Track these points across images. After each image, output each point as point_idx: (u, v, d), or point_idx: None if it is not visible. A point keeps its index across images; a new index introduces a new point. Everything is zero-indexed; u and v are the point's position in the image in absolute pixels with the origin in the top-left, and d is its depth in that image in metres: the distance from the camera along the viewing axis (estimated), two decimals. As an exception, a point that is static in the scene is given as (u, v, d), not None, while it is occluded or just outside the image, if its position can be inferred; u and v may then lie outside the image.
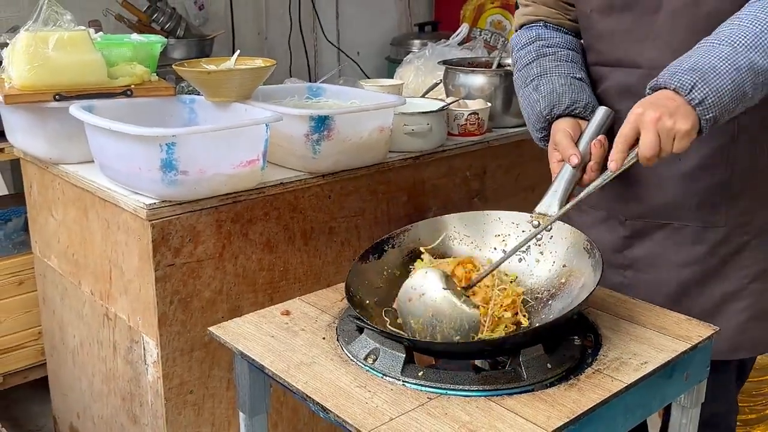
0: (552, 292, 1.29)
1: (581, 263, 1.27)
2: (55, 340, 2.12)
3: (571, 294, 1.25)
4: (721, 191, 1.39)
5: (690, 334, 1.25)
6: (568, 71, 1.44)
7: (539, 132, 1.45)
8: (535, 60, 1.48)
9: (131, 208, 1.55)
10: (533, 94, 1.44)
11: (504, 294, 1.24)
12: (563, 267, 1.31)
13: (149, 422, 1.71)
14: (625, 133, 1.19)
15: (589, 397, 1.07)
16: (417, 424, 1.00)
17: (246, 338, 1.24)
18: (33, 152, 1.86)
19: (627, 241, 1.49)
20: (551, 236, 1.33)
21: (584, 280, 1.24)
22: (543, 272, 1.33)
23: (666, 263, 1.45)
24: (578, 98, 1.41)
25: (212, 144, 1.51)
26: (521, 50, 1.53)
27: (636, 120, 1.18)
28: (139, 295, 1.62)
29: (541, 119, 1.42)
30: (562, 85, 1.42)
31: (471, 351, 1.14)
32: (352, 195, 1.87)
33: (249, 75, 1.75)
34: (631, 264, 1.49)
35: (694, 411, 1.32)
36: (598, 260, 1.23)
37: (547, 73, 1.44)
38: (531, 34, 1.52)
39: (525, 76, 1.48)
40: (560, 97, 1.40)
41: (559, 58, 1.47)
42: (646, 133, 1.16)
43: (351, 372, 1.13)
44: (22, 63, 1.70)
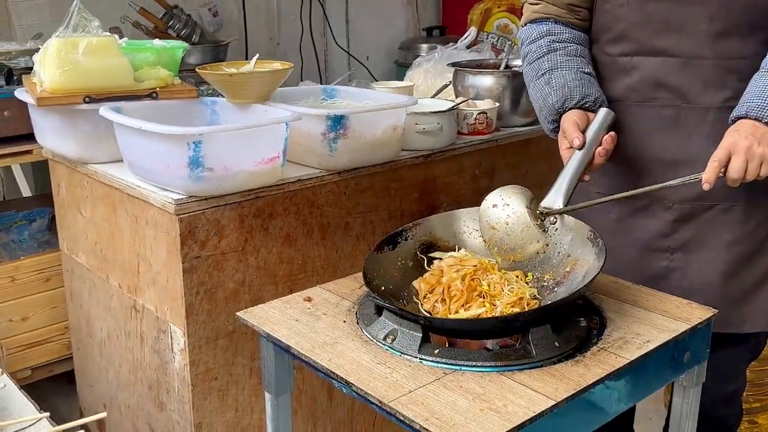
0: (558, 280, 1.37)
1: (585, 252, 1.35)
2: (82, 333, 2.20)
3: (575, 281, 1.32)
4: None
5: (690, 316, 1.33)
6: (577, 66, 1.52)
7: (551, 124, 1.54)
8: (546, 54, 1.55)
9: (160, 203, 1.64)
10: (545, 87, 1.53)
11: (513, 293, 1.32)
12: (568, 257, 1.39)
13: (176, 408, 1.80)
14: (719, 157, 1.30)
15: (595, 372, 1.14)
16: (434, 396, 1.08)
17: (272, 322, 1.33)
18: (63, 153, 1.95)
19: (674, 225, 1.55)
20: (556, 228, 1.41)
21: (587, 267, 1.32)
22: (549, 262, 1.41)
23: (715, 243, 1.52)
24: (589, 92, 1.50)
25: (236, 142, 1.60)
26: (532, 44, 1.60)
27: (729, 146, 1.29)
28: (167, 286, 1.71)
29: (553, 112, 1.51)
30: (573, 79, 1.50)
31: (483, 328, 1.22)
32: (367, 191, 1.95)
33: (268, 77, 1.84)
34: (678, 247, 1.55)
35: (695, 390, 1.40)
36: (601, 248, 1.31)
37: (558, 67, 1.53)
38: (541, 29, 1.60)
39: (536, 69, 1.56)
40: (572, 91, 1.49)
41: (568, 53, 1.54)
42: (736, 159, 1.28)
43: (371, 351, 1.22)
44: (53, 67, 1.79)
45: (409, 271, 1.43)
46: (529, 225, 1.36)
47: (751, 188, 1.47)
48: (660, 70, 1.48)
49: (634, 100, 1.53)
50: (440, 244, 1.49)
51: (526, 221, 1.37)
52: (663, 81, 1.48)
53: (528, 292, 1.32)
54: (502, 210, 1.40)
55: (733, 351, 1.61)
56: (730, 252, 1.51)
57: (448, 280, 1.33)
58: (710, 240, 1.52)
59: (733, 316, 1.53)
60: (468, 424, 1.01)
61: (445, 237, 1.50)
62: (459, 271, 1.36)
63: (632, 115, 1.54)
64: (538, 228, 1.37)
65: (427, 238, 1.49)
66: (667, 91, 1.48)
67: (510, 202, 1.40)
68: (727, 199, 1.50)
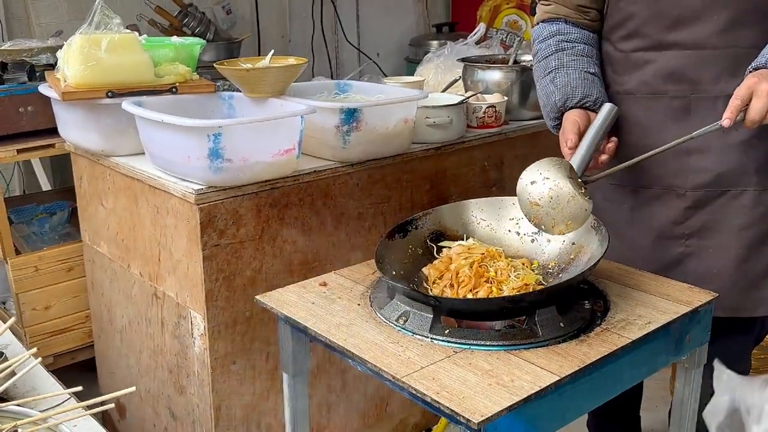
0: (562, 267, 1.43)
1: (589, 240, 1.41)
2: (103, 321, 2.28)
3: (579, 266, 1.38)
4: None
5: (691, 299, 1.38)
6: (582, 66, 1.58)
7: (553, 121, 1.59)
8: (554, 53, 1.61)
9: (180, 193, 1.70)
10: (549, 85, 1.59)
11: (519, 279, 1.38)
12: (572, 245, 1.44)
13: (195, 391, 1.86)
14: (741, 95, 1.31)
15: (598, 350, 1.20)
16: (445, 372, 1.14)
17: (289, 304, 1.39)
18: (86, 146, 2.02)
19: (688, 211, 1.58)
20: None
21: (591, 253, 1.37)
22: (554, 250, 1.47)
23: (728, 228, 1.56)
24: (590, 92, 1.55)
25: (254, 134, 1.66)
26: (542, 42, 1.66)
27: (752, 86, 1.30)
28: (187, 273, 1.77)
29: (555, 110, 1.57)
30: (576, 79, 1.56)
31: (491, 309, 1.28)
32: (379, 183, 2.01)
33: (284, 72, 1.90)
34: (693, 233, 1.59)
35: (697, 372, 1.45)
36: (604, 235, 1.36)
37: (563, 66, 1.58)
38: (552, 29, 1.65)
39: (544, 68, 1.62)
40: (574, 90, 1.55)
41: (575, 53, 1.60)
42: (758, 100, 1.29)
43: (384, 332, 1.28)
44: (77, 63, 1.86)
45: (418, 258, 1.49)
46: (574, 195, 1.34)
47: (761, 173, 1.52)
48: (672, 62, 1.52)
49: (645, 93, 1.58)
50: (449, 233, 1.55)
51: (570, 191, 1.35)
52: (675, 73, 1.52)
53: (533, 279, 1.37)
54: (543, 184, 1.36)
55: (742, 335, 1.66)
56: (742, 237, 1.55)
57: (457, 266, 1.39)
58: (723, 225, 1.56)
59: (746, 301, 1.57)
60: (476, 397, 1.07)
61: (454, 226, 1.55)
62: (467, 258, 1.41)
63: (644, 107, 1.58)
64: (583, 196, 1.36)
65: (436, 227, 1.54)
66: (678, 82, 1.52)
67: (549, 175, 1.37)
68: (738, 185, 1.53)
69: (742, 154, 1.52)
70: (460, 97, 2.22)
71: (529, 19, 3.83)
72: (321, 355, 1.95)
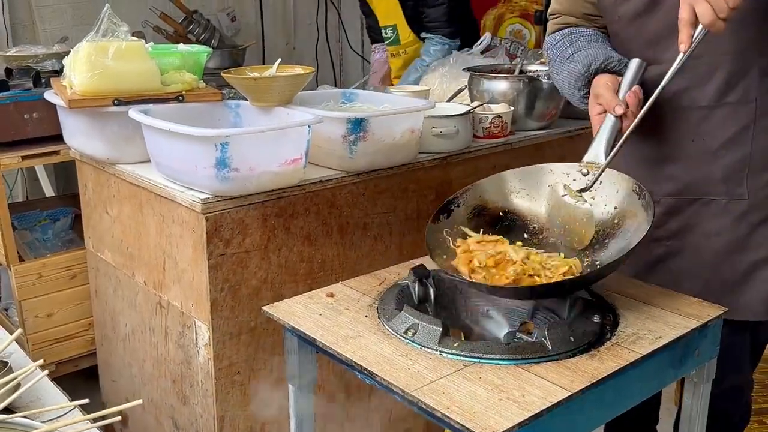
0: (607, 232, 1.42)
1: (632, 204, 1.40)
2: (106, 329, 2.27)
3: (626, 234, 1.37)
4: (743, 167, 1.53)
5: (701, 313, 1.37)
6: (598, 44, 1.58)
7: (580, 90, 1.58)
8: (569, 45, 1.62)
9: (187, 202, 1.69)
10: (569, 64, 1.59)
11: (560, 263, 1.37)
12: (615, 209, 1.44)
13: (199, 401, 1.85)
14: (682, 16, 1.30)
15: (609, 365, 1.19)
16: (455, 386, 1.13)
17: (296, 316, 1.38)
18: (91, 153, 2.01)
19: (664, 217, 1.61)
20: (600, 182, 1.46)
21: (638, 220, 1.37)
22: (596, 214, 1.46)
23: (701, 233, 1.59)
24: (611, 55, 1.55)
25: (261, 144, 1.66)
26: (555, 46, 1.67)
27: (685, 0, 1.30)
28: (192, 283, 1.76)
29: (580, 78, 1.56)
30: (594, 50, 1.56)
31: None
32: (385, 193, 2.01)
33: (291, 81, 1.90)
34: (671, 235, 1.62)
35: (705, 387, 1.44)
36: (648, 201, 1.36)
37: (580, 49, 1.59)
38: (563, 32, 1.67)
39: (561, 57, 1.63)
40: (595, 56, 1.54)
41: (588, 39, 1.61)
42: (697, 5, 1.28)
43: (393, 344, 1.27)
44: (83, 70, 1.85)
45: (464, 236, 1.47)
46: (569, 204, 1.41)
47: (728, 183, 1.54)
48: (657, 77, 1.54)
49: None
50: (490, 206, 1.53)
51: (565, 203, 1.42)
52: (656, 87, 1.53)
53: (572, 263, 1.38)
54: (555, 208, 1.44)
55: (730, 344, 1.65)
56: (713, 243, 1.58)
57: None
58: (697, 230, 1.60)
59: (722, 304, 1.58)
60: (487, 413, 1.06)
61: (495, 198, 1.54)
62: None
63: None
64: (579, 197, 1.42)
65: (477, 201, 1.53)
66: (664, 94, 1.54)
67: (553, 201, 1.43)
68: (707, 194, 1.57)
69: (709, 164, 1.55)
70: (466, 107, 2.22)
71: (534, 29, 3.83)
72: (324, 365, 1.94)
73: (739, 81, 1.50)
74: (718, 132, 1.52)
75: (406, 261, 1.65)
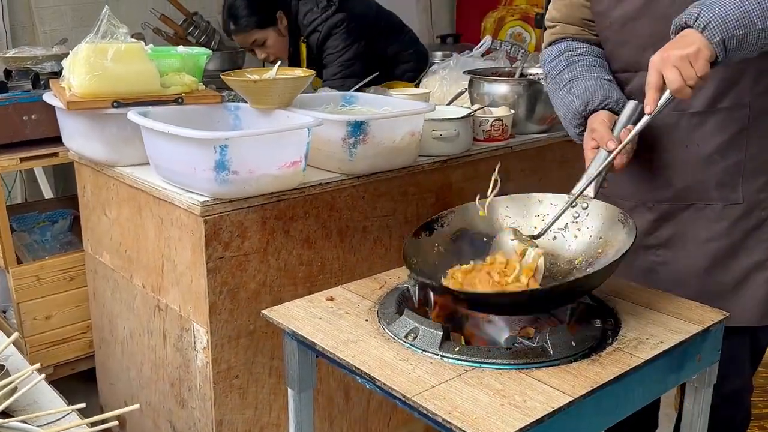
0: (590, 261, 1.42)
1: (616, 233, 1.40)
2: (104, 332, 2.26)
3: (607, 259, 1.37)
4: (737, 172, 1.53)
5: (702, 318, 1.37)
6: (597, 74, 1.59)
7: (576, 128, 1.59)
8: (566, 68, 1.62)
9: (185, 205, 1.69)
10: (567, 95, 1.59)
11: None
12: (599, 239, 1.44)
13: (197, 405, 1.84)
14: (649, 80, 1.32)
15: (611, 371, 1.18)
16: (456, 391, 1.12)
17: (296, 319, 1.37)
18: (90, 155, 2.00)
19: (656, 223, 1.61)
20: (587, 213, 1.47)
21: (618, 245, 1.37)
22: (581, 246, 1.46)
23: (693, 240, 1.58)
24: (610, 95, 1.56)
25: (261, 146, 1.65)
26: (552, 62, 1.67)
27: (653, 65, 1.31)
28: (191, 286, 1.75)
29: (577, 116, 1.57)
30: (593, 84, 1.57)
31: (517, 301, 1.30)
32: (385, 196, 2.00)
33: (291, 84, 1.89)
34: (662, 243, 1.62)
35: (706, 391, 1.43)
36: (631, 227, 1.37)
37: (578, 77, 1.59)
38: (560, 47, 1.67)
39: (558, 82, 1.63)
40: (593, 94, 1.55)
41: (587, 64, 1.61)
42: (666, 71, 1.29)
43: (393, 348, 1.26)
44: (82, 72, 1.85)
45: (442, 255, 1.47)
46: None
47: (722, 188, 1.54)
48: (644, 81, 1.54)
49: None
50: (473, 230, 1.52)
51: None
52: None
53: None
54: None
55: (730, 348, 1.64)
56: (707, 249, 1.58)
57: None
58: (689, 237, 1.59)
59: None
60: (489, 418, 1.05)
61: (480, 224, 1.53)
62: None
63: None
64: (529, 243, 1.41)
65: (462, 225, 1.52)
66: None
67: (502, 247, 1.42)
68: (701, 199, 1.56)
69: (703, 170, 1.54)
70: (466, 110, 2.21)
71: (534, 32, 3.83)
72: (323, 369, 1.93)
73: (732, 87, 1.49)
74: (712, 137, 1.51)
75: (407, 264, 1.64)
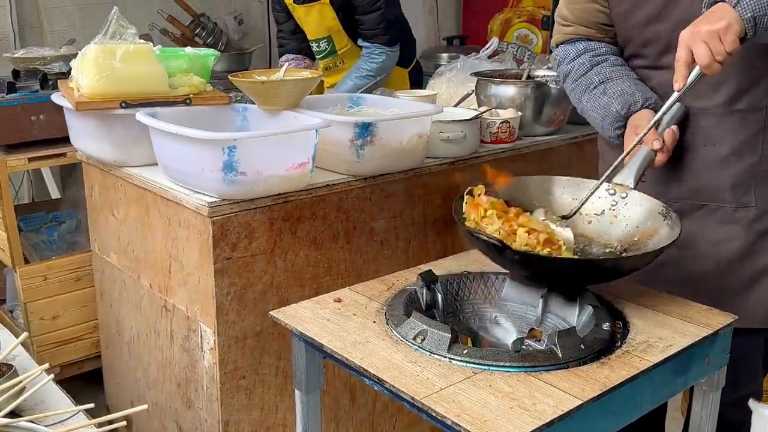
0: (625, 246, 1.44)
1: (656, 224, 1.42)
2: (111, 332, 2.26)
3: (647, 248, 1.39)
4: (752, 175, 1.53)
5: (711, 321, 1.36)
6: (626, 74, 1.61)
7: (617, 130, 1.60)
8: (592, 68, 1.63)
9: (193, 206, 1.69)
10: (602, 97, 1.60)
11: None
12: (636, 228, 1.46)
13: (204, 406, 1.84)
14: (679, 56, 1.32)
15: (620, 374, 1.18)
16: (465, 394, 1.12)
17: (304, 321, 1.37)
18: (98, 156, 2.00)
19: None
20: (626, 203, 1.49)
21: (659, 238, 1.39)
22: (616, 232, 1.49)
23: (705, 241, 1.58)
24: (648, 95, 1.58)
25: (269, 147, 1.65)
26: (573, 62, 1.67)
27: (683, 40, 1.31)
28: (198, 286, 1.76)
29: (619, 118, 1.58)
30: (629, 86, 1.58)
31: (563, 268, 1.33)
32: (392, 197, 2.00)
33: (299, 85, 1.89)
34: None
35: (715, 395, 1.43)
36: (675, 220, 1.39)
37: (610, 78, 1.61)
38: (578, 47, 1.67)
39: (586, 83, 1.64)
40: (632, 96, 1.57)
41: (613, 64, 1.63)
42: (695, 47, 1.30)
43: (401, 350, 1.26)
44: (91, 73, 1.85)
45: None
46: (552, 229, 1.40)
47: (736, 190, 1.54)
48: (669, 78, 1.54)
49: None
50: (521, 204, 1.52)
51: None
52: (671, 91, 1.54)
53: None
54: None
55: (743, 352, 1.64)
56: (718, 250, 1.58)
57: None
58: (699, 238, 1.59)
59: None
60: (498, 421, 1.05)
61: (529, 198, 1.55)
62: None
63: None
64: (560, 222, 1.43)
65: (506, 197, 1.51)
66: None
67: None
68: (715, 200, 1.57)
69: (718, 171, 1.55)
70: (473, 112, 2.21)
71: (541, 34, 3.83)
72: (329, 370, 1.93)
73: (749, 90, 1.50)
74: (729, 138, 1.52)
75: (413, 266, 1.64)
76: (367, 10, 2.72)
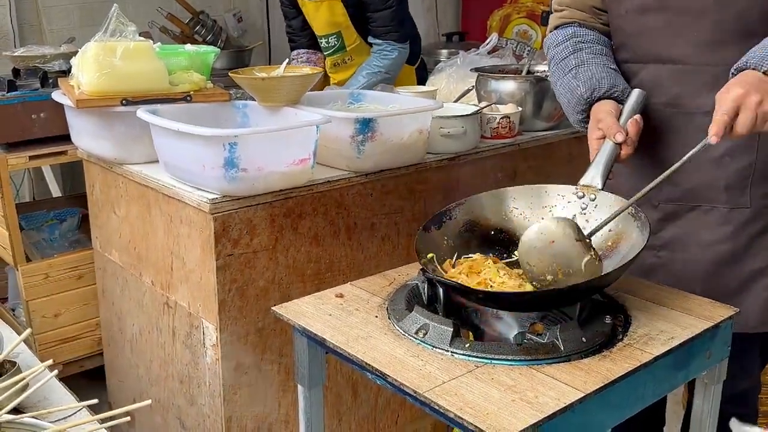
0: (601, 253, 1.40)
1: (627, 227, 1.39)
2: (113, 329, 2.26)
3: (620, 254, 1.36)
4: (746, 175, 1.51)
5: (712, 314, 1.36)
6: (603, 62, 1.57)
7: (579, 114, 1.57)
8: (572, 53, 1.60)
9: (195, 203, 1.69)
10: (572, 81, 1.57)
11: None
12: (609, 231, 1.42)
13: (206, 402, 1.85)
14: (728, 110, 1.28)
15: (622, 366, 1.18)
16: (467, 387, 1.12)
17: (306, 316, 1.38)
18: (99, 153, 2.01)
19: (660, 223, 1.59)
20: (596, 205, 1.45)
21: (632, 241, 1.36)
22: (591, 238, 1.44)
23: (697, 243, 1.56)
24: (616, 83, 1.53)
25: (270, 144, 1.65)
26: (557, 47, 1.65)
27: (738, 99, 1.27)
28: (200, 283, 1.76)
29: (581, 102, 1.54)
30: (599, 72, 1.54)
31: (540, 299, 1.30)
32: (392, 193, 2.00)
33: (299, 81, 1.90)
34: (664, 245, 1.60)
35: (716, 388, 1.43)
36: (644, 222, 1.35)
37: (585, 63, 1.57)
38: (566, 33, 1.65)
39: (563, 67, 1.61)
40: (599, 81, 1.53)
41: (593, 51, 1.59)
42: (745, 113, 1.27)
43: (404, 345, 1.26)
44: (91, 70, 1.85)
45: (453, 249, 1.47)
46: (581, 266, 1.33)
47: (730, 191, 1.52)
48: (653, 74, 1.53)
49: None
50: (482, 222, 1.52)
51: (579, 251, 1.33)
52: (658, 87, 1.52)
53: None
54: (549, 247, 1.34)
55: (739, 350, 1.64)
56: (710, 252, 1.56)
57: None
58: (692, 240, 1.57)
59: None
60: (500, 413, 1.05)
61: (488, 215, 1.52)
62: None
63: None
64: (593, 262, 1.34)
65: (470, 217, 1.51)
66: (662, 96, 1.52)
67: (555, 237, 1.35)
68: (708, 201, 1.54)
69: (712, 171, 1.52)
70: (473, 108, 2.21)
71: (540, 29, 3.83)
72: (331, 365, 1.93)
73: None
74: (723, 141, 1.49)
75: (414, 261, 1.64)
76: (378, 7, 2.72)
